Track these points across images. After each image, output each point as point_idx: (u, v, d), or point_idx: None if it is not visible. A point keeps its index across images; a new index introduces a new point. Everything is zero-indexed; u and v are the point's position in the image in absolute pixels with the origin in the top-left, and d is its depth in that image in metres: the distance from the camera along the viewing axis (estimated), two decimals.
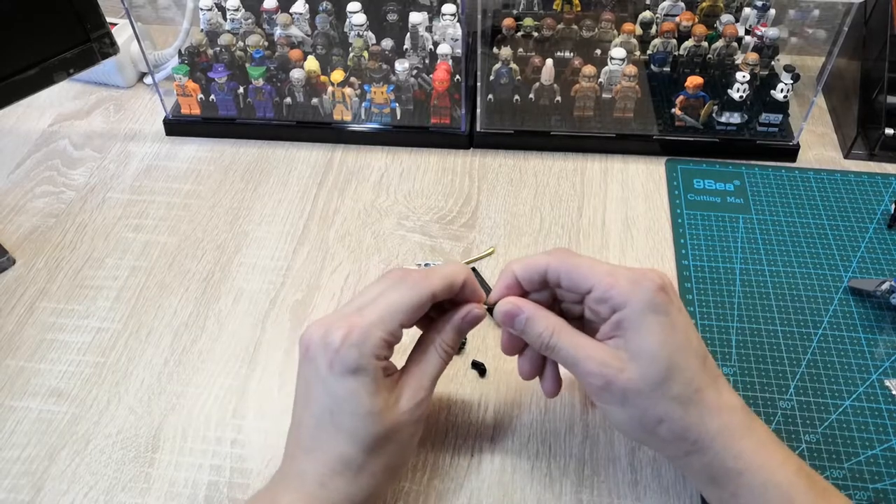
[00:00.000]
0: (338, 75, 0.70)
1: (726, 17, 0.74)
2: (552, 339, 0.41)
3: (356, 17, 0.73)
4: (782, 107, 0.70)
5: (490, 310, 0.44)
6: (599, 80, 0.71)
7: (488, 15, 0.74)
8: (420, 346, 0.43)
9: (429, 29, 0.75)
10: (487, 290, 0.58)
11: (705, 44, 0.72)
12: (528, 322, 0.42)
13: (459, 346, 0.54)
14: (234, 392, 0.52)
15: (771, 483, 0.38)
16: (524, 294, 0.43)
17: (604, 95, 0.72)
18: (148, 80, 0.81)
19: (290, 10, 0.76)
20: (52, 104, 0.79)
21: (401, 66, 0.70)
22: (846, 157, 0.71)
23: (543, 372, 0.45)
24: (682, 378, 0.38)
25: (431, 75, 0.70)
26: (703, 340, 0.41)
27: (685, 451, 0.40)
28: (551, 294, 0.44)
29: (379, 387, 0.39)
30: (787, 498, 0.37)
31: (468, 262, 0.60)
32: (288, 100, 0.73)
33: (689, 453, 0.39)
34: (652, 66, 0.74)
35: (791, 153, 0.71)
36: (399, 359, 0.43)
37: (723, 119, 0.71)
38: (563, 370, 0.44)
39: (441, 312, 0.44)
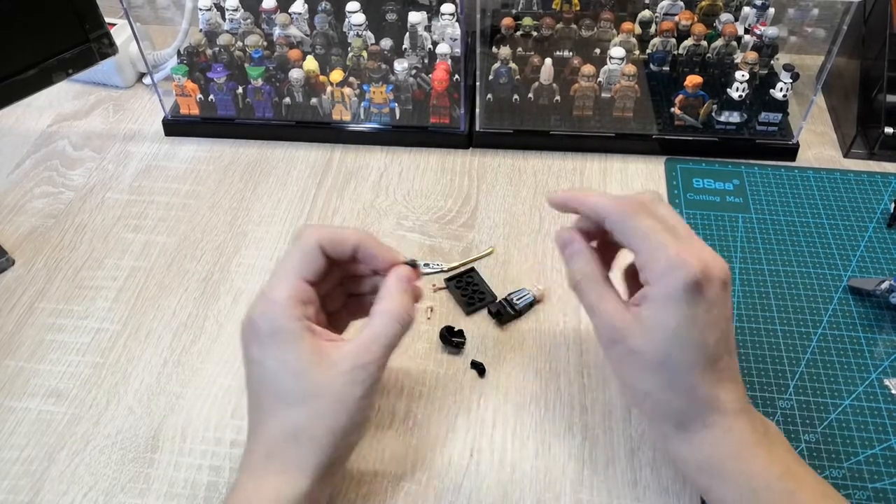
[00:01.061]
0: (337, 75, 0.70)
1: (725, 16, 0.74)
2: (580, 283, 0.43)
3: (355, 16, 0.73)
4: (782, 106, 0.70)
5: (412, 265, 0.44)
6: (599, 79, 0.71)
7: (487, 14, 0.73)
8: (373, 313, 0.42)
9: (428, 28, 0.75)
10: (486, 290, 0.58)
11: (704, 43, 0.72)
12: (573, 256, 0.43)
13: (460, 346, 0.54)
14: (233, 392, 0.52)
15: (747, 488, 0.38)
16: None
17: (603, 95, 0.72)
18: (147, 80, 0.81)
19: (289, 10, 0.76)
20: (52, 104, 0.78)
21: (400, 65, 0.70)
22: (846, 156, 0.71)
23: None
24: (679, 369, 0.39)
25: (430, 75, 0.70)
26: (731, 342, 0.40)
27: (664, 434, 0.41)
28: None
29: (304, 347, 0.39)
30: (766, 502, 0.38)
31: (467, 262, 0.60)
32: (287, 100, 0.73)
33: (668, 437, 0.41)
34: (651, 66, 0.74)
35: (790, 152, 0.71)
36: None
37: (722, 118, 0.71)
38: None
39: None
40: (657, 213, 0.41)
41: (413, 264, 0.44)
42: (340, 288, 0.46)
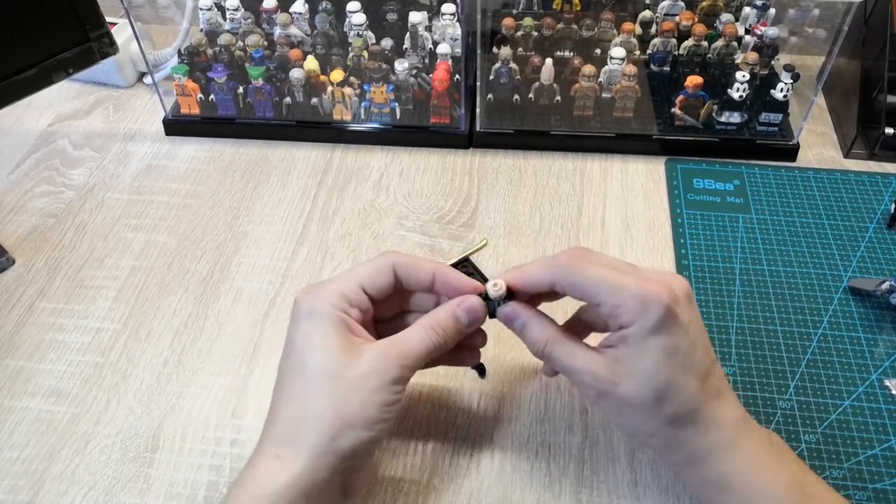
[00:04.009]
0: (337, 75, 0.70)
1: (726, 17, 0.74)
2: (547, 348, 0.41)
3: (356, 16, 0.73)
4: (782, 106, 0.70)
5: (485, 298, 0.43)
6: (599, 79, 0.71)
7: (488, 14, 0.73)
8: (414, 323, 0.43)
9: (428, 28, 0.75)
10: (484, 279, 0.57)
11: (705, 43, 0.72)
12: (525, 328, 0.42)
13: None
14: (233, 392, 0.52)
15: (760, 501, 0.38)
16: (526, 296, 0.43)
17: (603, 95, 0.72)
18: (147, 79, 0.81)
19: (290, 10, 0.76)
20: (52, 104, 0.78)
21: (400, 65, 0.70)
22: (846, 156, 0.71)
23: None
24: (678, 399, 0.38)
25: (431, 75, 0.70)
26: (711, 352, 0.40)
27: (676, 463, 0.41)
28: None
29: (335, 330, 0.39)
30: None
31: (463, 256, 0.60)
32: (287, 99, 0.73)
33: (681, 465, 0.40)
34: (652, 66, 0.74)
35: (791, 153, 0.71)
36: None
37: (722, 119, 0.71)
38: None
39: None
40: (594, 259, 0.41)
41: (485, 297, 0.43)
42: (400, 319, 0.45)
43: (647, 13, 0.75)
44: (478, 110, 0.72)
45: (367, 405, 0.38)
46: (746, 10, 0.75)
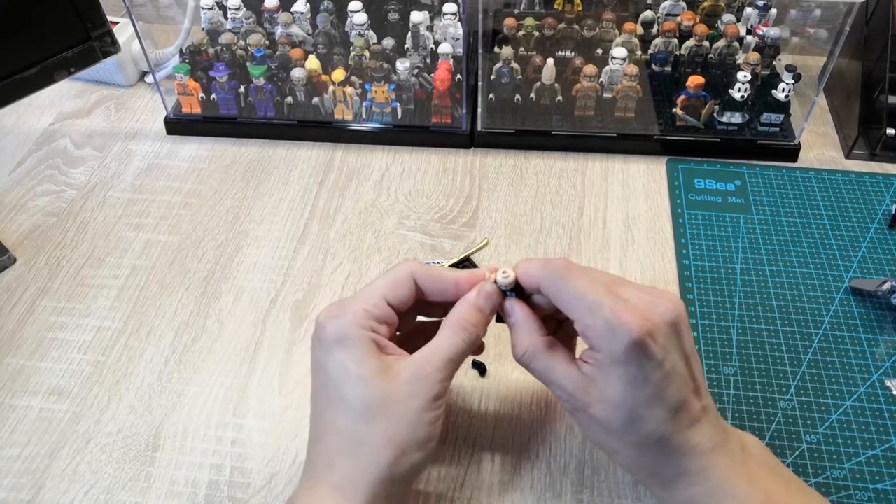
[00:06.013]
0: (339, 74, 0.70)
1: (727, 17, 0.74)
2: (525, 357, 0.41)
3: (357, 16, 0.73)
4: (783, 107, 0.70)
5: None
6: (600, 79, 0.71)
7: (489, 14, 0.73)
8: (439, 329, 0.42)
9: (430, 28, 0.75)
10: None
11: (706, 43, 0.72)
12: (514, 329, 0.42)
13: None
14: (234, 391, 0.52)
15: None
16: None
17: (605, 95, 0.72)
18: (149, 79, 0.81)
19: (292, 9, 0.76)
20: (53, 103, 0.78)
21: (402, 65, 0.70)
22: (847, 156, 0.71)
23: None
24: (644, 429, 0.38)
25: (432, 74, 0.70)
26: (697, 378, 0.39)
27: (639, 482, 0.41)
28: None
29: (368, 355, 0.39)
30: None
31: (464, 256, 0.60)
32: (289, 99, 0.73)
33: (647, 485, 0.41)
34: (653, 66, 0.74)
35: (792, 153, 0.71)
36: None
37: (724, 119, 0.71)
38: None
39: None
40: (583, 272, 0.40)
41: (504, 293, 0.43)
42: (413, 312, 0.45)
43: (648, 13, 0.75)
44: (479, 110, 0.72)
45: (416, 428, 0.39)
46: (748, 10, 0.75)
